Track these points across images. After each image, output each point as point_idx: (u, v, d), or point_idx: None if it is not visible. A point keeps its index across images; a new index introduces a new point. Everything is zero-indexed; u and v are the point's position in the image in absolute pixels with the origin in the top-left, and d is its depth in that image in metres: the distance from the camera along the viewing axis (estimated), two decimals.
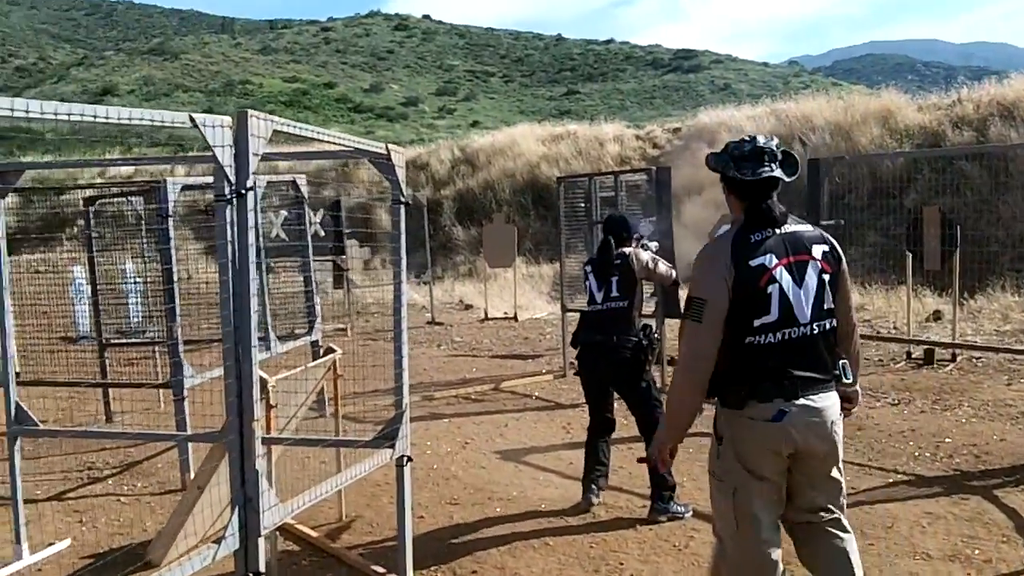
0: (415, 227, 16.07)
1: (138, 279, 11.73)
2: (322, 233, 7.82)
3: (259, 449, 3.56)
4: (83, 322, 12.12)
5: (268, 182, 8.54)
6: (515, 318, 14.58)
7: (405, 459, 4.78)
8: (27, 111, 2.85)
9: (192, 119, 3.32)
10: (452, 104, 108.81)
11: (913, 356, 10.13)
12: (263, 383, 5.15)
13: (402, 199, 4.80)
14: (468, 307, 16.56)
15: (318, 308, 9.06)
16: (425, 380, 10.52)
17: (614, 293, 5.98)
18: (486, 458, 7.24)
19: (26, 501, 6.57)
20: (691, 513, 5.71)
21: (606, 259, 6.06)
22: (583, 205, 11.32)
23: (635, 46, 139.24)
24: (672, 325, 9.32)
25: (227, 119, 3.49)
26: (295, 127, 3.80)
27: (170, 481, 6.96)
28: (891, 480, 6.31)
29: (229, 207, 3.46)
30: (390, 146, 4.72)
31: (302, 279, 9.04)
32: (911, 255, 10.17)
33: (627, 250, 6.06)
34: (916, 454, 6.89)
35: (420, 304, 16.56)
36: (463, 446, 7.62)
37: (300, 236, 8.94)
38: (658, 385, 6.26)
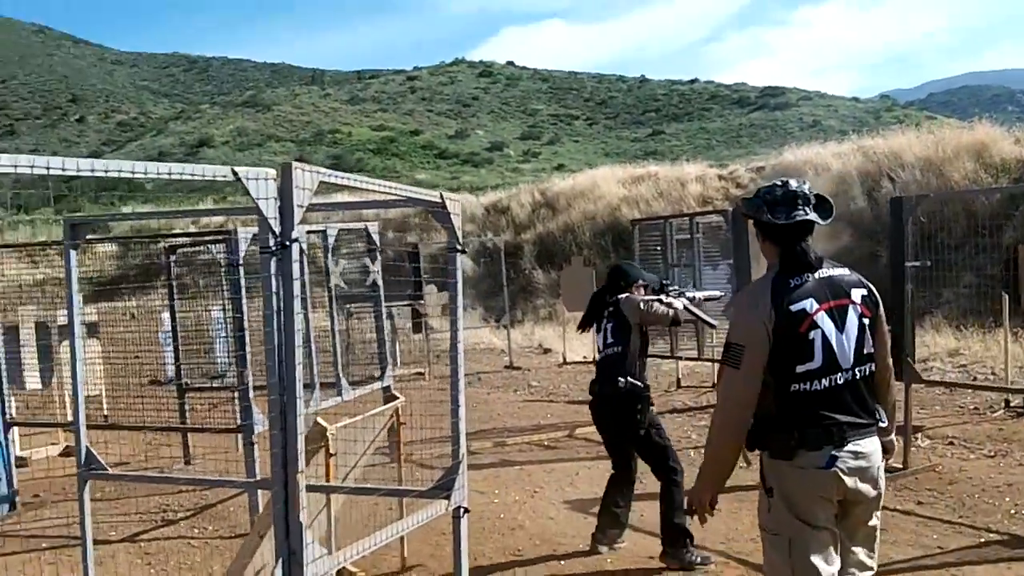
0: (495, 271, 16.11)
1: (223, 325, 12.02)
2: (379, 283, 7.77)
3: (303, 500, 3.50)
4: (172, 366, 12.33)
5: (340, 229, 8.58)
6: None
7: (461, 510, 4.67)
8: (63, 168, 2.85)
9: (235, 172, 3.31)
10: (536, 148, 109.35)
11: (1012, 405, 9.64)
12: (322, 432, 5.12)
13: (458, 247, 4.74)
14: (547, 351, 16.45)
15: (389, 354, 9.04)
16: (498, 425, 10.41)
17: (609, 339, 6.01)
18: (555, 508, 7.09)
19: (100, 542, 6.65)
20: (711, 564, 5.63)
21: (597, 307, 6.17)
22: (658, 249, 11.16)
23: (720, 84, 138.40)
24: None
25: (271, 171, 3.46)
26: (343, 178, 3.77)
27: (241, 525, 6.97)
28: (983, 540, 5.93)
29: (274, 259, 3.43)
30: (444, 194, 4.67)
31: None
32: (1008, 296, 9.74)
33: (621, 296, 6.01)
34: (1012, 511, 6.43)
35: (499, 348, 16.52)
36: (532, 495, 7.48)
37: (373, 283, 8.94)
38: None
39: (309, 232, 8.31)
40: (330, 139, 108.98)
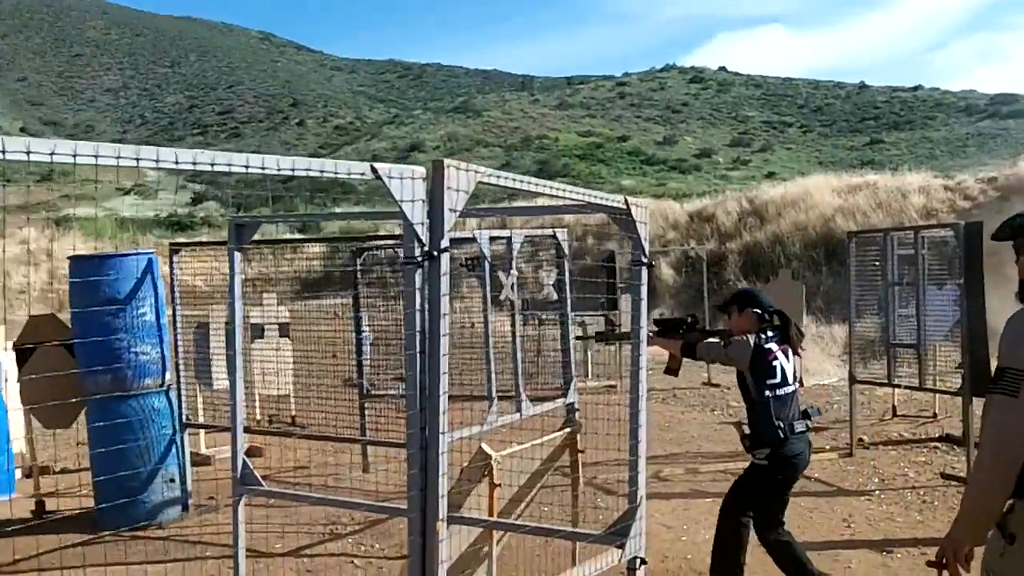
0: (696, 281, 15.36)
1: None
2: (554, 296, 7.31)
3: (442, 532, 3.03)
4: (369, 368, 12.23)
5: (526, 236, 8.15)
6: (801, 383, 13.40)
7: (638, 561, 4.10)
8: (194, 162, 2.48)
9: (374, 169, 2.87)
10: (747, 155, 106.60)
11: None
12: (485, 459, 4.65)
13: (643, 260, 4.18)
14: None
15: (579, 366, 8.55)
16: (692, 449, 9.74)
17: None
18: (750, 553, 6.37)
19: (263, 555, 6.45)
20: None
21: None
22: (876, 264, 10.16)
23: (946, 92, 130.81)
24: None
25: (420, 170, 3.01)
26: (505, 178, 3.27)
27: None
28: None
29: (419, 271, 2.98)
30: (630, 199, 4.12)
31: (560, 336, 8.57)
32: None
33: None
34: None
35: (697, 363, 15.73)
36: None
37: (556, 291, 8.47)
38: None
39: (493, 239, 7.93)
40: (537, 144, 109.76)
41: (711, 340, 5.46)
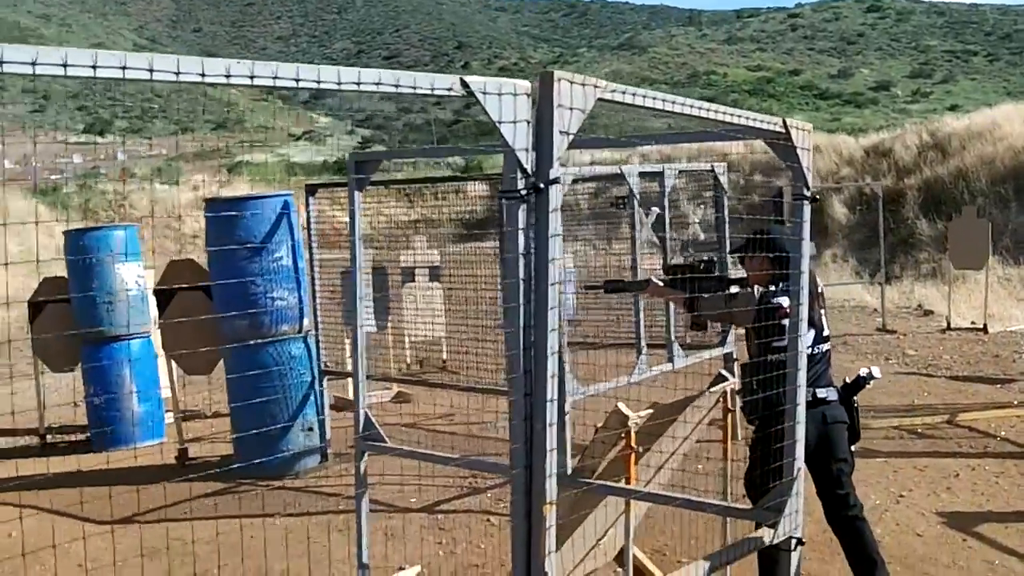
0: (871, 220, 14.33)
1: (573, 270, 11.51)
2: (701, 236, 6.70)
3: (551, 493, 2.58)
4: None
5: (680, 171, 7.53)
6: (984, 330, 12.32)
7: (793, 542, 3.55)
8: (251, 75, 2.06)
9: (464, 84, 2.37)
10: (927, 87, 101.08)
11: None
12: (623, 421, 4.16)
13: (806, 193, 3.57)
14: (928, 313, 14.40)
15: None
16: (864, 402, 8.91)
17: None
18: (925, 521, 5.70)
19: (398, 509, 6.17)
20: None
21: None
22: None
23: None
24: None
25: (524, 84, 2.51)
26: (633, 94, 2.72)
27: None
28: None
29: (523, 206, 2.49)
30: (790, 122, 3.51)
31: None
32: None
33: None
34: None
35: (871, 307, 14.71)
36: (897, 499, 6.11)
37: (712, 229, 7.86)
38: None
39: (642, 175, 7.35)
40: (704, 80, 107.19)
41: (713, 296, 4.50)
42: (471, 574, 5.08)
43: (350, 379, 9.47)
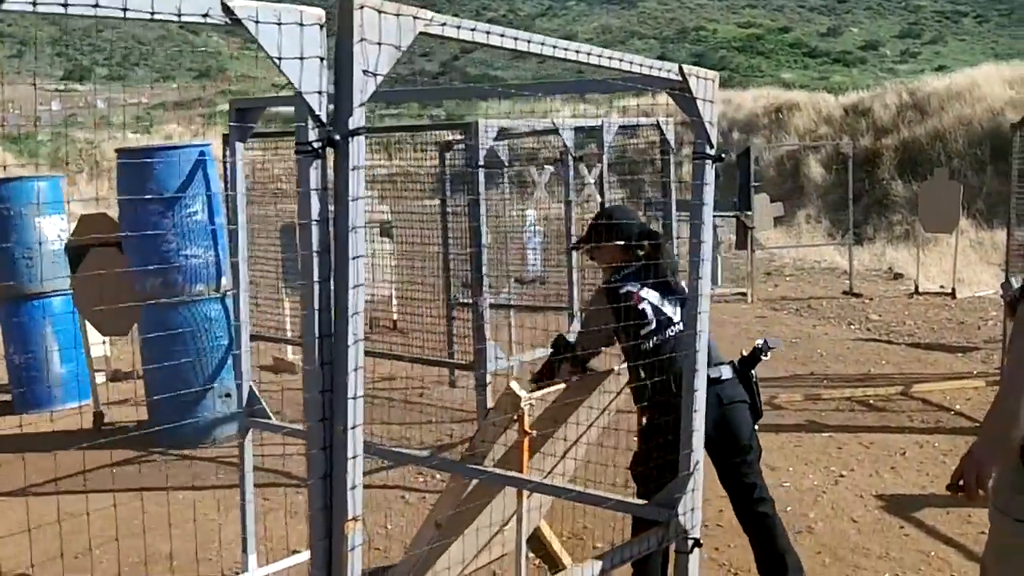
0: (847, 180, 13.91)
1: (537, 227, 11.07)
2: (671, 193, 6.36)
3: (354, 476, 2.20)
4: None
5: (621, 127, 7.10)
6: (952, 294, 11.98)
7: (690, 543, 3.18)
8: None
9: (227, 8, 1.92)
10: (916, 47, 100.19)
11: None
12: (515, 403, 3.76)
13: (708, 151, 3.15)
14: (897, 276, 14.03)
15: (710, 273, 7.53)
16: (818, 370, 8.61)
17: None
18: (862, 504, 5.34)
19: (305, 485, 5.80)
20: None
21: None
22: None
23: None
24: None
25: (314, 11, 2.08)
26: (463, 28, 2.28)
27: None
28: None
29: (316, 163, 2.07)
30: (688, 69, 3.09)
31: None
32: None
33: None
34: None
35: (841, 269, 14.33)
36: (836, 480, 5.74)
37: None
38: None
39: (577, 129, 6.92)
40: (693, 36, 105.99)
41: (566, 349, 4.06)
42: (370, 559, 4.70)
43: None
